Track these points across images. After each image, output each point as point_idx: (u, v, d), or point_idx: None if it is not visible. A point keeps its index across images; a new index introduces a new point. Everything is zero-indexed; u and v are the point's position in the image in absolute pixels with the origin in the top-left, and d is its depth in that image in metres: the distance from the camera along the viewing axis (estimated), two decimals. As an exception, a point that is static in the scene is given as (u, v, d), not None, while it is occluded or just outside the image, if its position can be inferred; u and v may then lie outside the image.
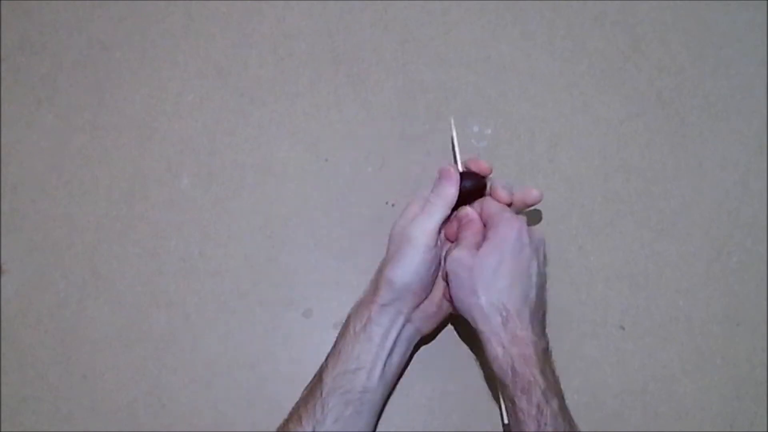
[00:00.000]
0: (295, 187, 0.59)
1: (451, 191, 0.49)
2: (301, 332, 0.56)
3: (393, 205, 0.58)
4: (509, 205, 0.51)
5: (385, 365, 0.48)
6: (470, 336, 0.55)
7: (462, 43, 0.62)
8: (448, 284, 0.48)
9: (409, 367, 0.54)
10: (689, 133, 0.60)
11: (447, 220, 0.50)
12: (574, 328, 0.55)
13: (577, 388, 0.54)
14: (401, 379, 0.54)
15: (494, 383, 0.49)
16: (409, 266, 0.47)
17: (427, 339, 0.53)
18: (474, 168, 0.51)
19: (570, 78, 0.61)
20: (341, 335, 0.49)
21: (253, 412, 0.54)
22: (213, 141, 0.60)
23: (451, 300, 0.48)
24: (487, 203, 0.50)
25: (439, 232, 0.49)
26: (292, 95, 0.61)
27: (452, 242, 0.51)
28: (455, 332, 0.55)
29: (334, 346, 0.49)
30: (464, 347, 0.55)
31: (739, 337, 0.55)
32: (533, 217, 0.57)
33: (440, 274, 0.50)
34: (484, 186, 0.51)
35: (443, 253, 0.50)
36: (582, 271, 0.57)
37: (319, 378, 0.47)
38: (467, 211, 0.50)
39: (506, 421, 0.47)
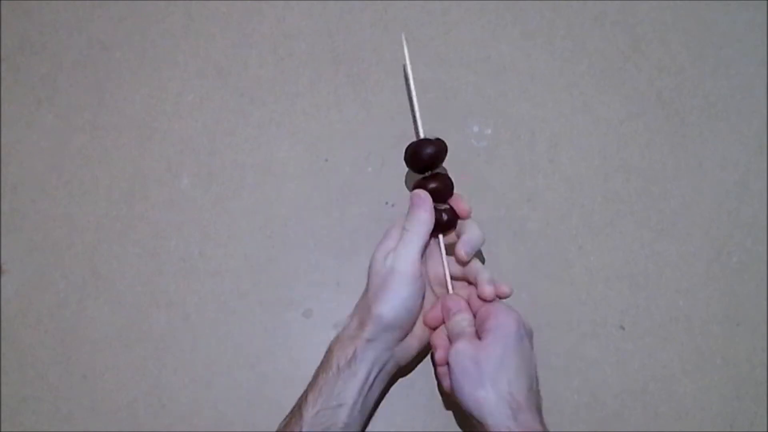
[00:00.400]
0: (295, 187, 0.59)
1: (426, 216, 0.49)
2: (301, 332, 0.55)
3: (393, 205, 0.58)
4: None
5: (365, 400, 0.47)
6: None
7: (462, 43, 0.62)
8: (451, 377, 0.46)
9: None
10: (689, 133, 0.60)
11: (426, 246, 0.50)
12: (574, 328, 0.55)
13: (577, 388, 0.54)
14: (401, 379, 0.54)
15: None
16: (399, 300, 0.47)
17: (404, 371, 0.53)
18: (455, 206, 0.51)
19: (570, 78, 0.61)
20: (323, 370, 0.47)
21: (253, 412, 0.54)
22: (213, 141, 0.60)
23: (452, 392, 0.47)
24: (475, 294, 0.49)
25: (422, 261, 0.49)
26: (292, 95, 0.61)
27: (432, 329, 0.51)
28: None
29: (315, 380, 0.47)
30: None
31: (739, 337, 0.55)
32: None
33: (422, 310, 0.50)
34: (457, 218, 0.51)
35: (426, 286, 0.50)
36: (582, 271, 0.57)
37: (299, 413, 0.46)
38: (457, 301, 0.49)
39: None
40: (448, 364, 0.46)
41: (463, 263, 0.50)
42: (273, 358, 0.55)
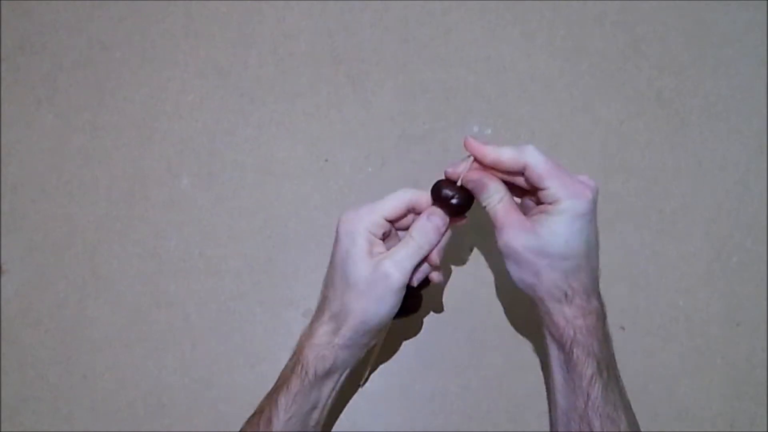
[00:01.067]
0: (295, 187, 0.59)
1: (435, 238, 0.45)
2: (301, 332, 0.55)
3: (393, 205, 0.58)
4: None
5: (335, 398, 0.47)
6: (470, 337, 0.55)
7: (462, 43, 0.62)
8: (505, 261, 0.44)
9: (409, 367, 0.54)
10: (689, 133, 0.60)
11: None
12: (574, 328, 0.55)
13: (577, 388, 0.54)
14: (401, 379, 0.54)
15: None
16: (385, 309, 0.44)
17: None
18: (477, 154, 0.45)
19: (570, 78, 0.61)
20: (297, 375, 0.44)
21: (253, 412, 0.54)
22: (213, 141, 0.60)
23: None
24: (534, 161, 0.43)
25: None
26: (292, 95, 0.61)
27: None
28: (455, 332, 0.55)
29: (287, 385, 0.44)
30: (464, 347, 0.55)
31: (739, 337, 0.55)
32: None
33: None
34: (472, 198, 0.46)
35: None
36: (582, 271, 0.56)
37: (268, 418, 0.44)
38: (479, 179, 0.45)
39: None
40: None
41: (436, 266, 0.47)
42: (273, 358, 0.55)
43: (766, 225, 0.58)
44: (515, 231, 0.43)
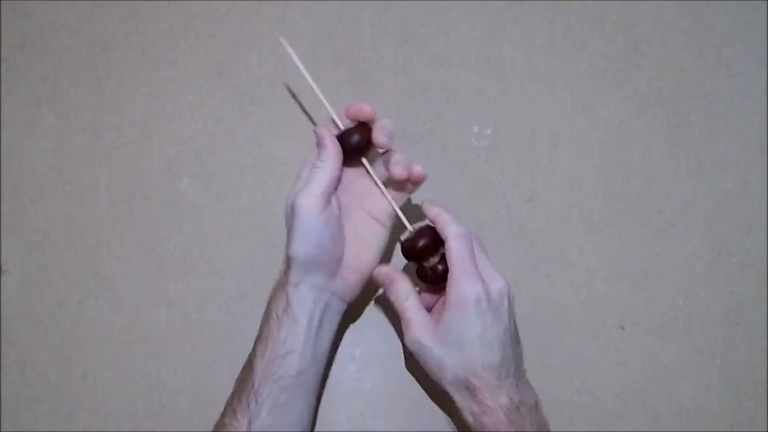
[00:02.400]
0: (295, 187, 0.59)
1: (328, 153, 0.47)
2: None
3: (393, 205, 0.58)
4: (406, 180, 0.48)
5: (315, 344, 0.47)
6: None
7: (462, 43, 0.62)
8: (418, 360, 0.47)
9: (408, 367, 0.54)
10: (689, 133, 0.60)
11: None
12: (574, 328, 0.55)
13: (577, 388, 0.54)
14: (401, 379, 0.54)
15: None
16: (304, 238, 0.45)
17: (356, 304, 0.52)
18: (358, 114, 0.48)
19: (570, 78, 0.61)
20: (265, 321, 0.47)
21: (253, 412, 0.54)
22: (213, 141, 0.60)
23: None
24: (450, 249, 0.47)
25: (329, 194, 0.47)
26: (292, 95, 0.61)
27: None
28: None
29: (260, 333, 0.47)
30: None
31: (739, 337, 0.55)
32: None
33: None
34: (370, 134, 0.48)
35: (352, 213, 0.49)
36: (582, 271, 0.57)
37: (249, 367, 0.46)
38: (385, 271, 0.49)
39: None
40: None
41: (386, 148, 0.48)
42: (273, 358, 0.55)
43: (766, 225, 0.58)
44: (419, 328, 0.46)
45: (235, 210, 0.58)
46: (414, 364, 0.50)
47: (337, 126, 0.50)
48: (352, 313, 0.54)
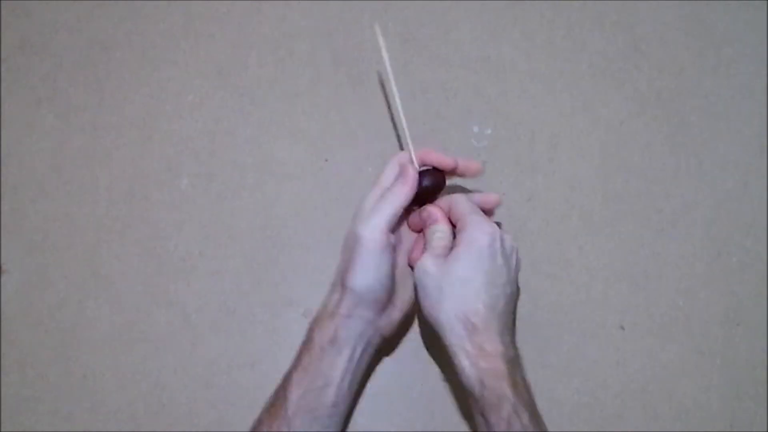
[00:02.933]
0: (295, 187, 0.59)
1: (405, 191, 0.47)
2: (301, 332, 0.55)
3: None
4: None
5: (353, 376, 0.47)
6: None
7: (462, 43, 0.62)
8: (416, 293, 0.47)
9: (408, 368, 0.54)
10: (689, 133, 0.60)
11: (408, 212, 0.49)
12: (574, 328, 0.55)
13: (577, 388, 0.54)
14: (400, 379, 0.54)
15: (463, 396, 0.48)
16: (368, 271, 0.45)
17: (393, 341, 0.53)
18: (435, 162, 0.49)
19: (570, 78, 0.61)
20: (306, 349, 0.46)
21: (253, 412, 0.54)
22: (213, 141, 0.60)
23: (419, 308, 0.47)
24: (456, 203, 0.48)
25: (393, 231, 0.47)
26: (292, 95, 0.61)
27: (418, 231, 0.50)
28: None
29: (299, 360, 0.46)
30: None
31: (739, 337, 0.55)
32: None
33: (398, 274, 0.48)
34: (444, 182, 0.49)
35: (404, 253, 0.49)
36: (582, 271, 0.57)
37: (284, 395, 0.45)
38: (432, 211, 0.48)
39: None
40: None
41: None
42: (273, 358, 0.55)
43: (766, 225, 0.58)
44: (432, 257, 0.46)
45: (235, 210, 0.58)
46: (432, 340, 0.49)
47: (412, 161, 0.50)
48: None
